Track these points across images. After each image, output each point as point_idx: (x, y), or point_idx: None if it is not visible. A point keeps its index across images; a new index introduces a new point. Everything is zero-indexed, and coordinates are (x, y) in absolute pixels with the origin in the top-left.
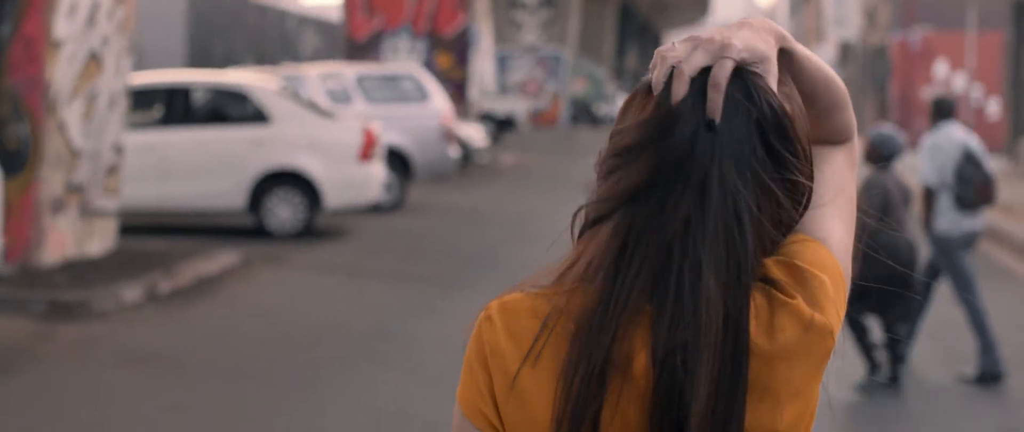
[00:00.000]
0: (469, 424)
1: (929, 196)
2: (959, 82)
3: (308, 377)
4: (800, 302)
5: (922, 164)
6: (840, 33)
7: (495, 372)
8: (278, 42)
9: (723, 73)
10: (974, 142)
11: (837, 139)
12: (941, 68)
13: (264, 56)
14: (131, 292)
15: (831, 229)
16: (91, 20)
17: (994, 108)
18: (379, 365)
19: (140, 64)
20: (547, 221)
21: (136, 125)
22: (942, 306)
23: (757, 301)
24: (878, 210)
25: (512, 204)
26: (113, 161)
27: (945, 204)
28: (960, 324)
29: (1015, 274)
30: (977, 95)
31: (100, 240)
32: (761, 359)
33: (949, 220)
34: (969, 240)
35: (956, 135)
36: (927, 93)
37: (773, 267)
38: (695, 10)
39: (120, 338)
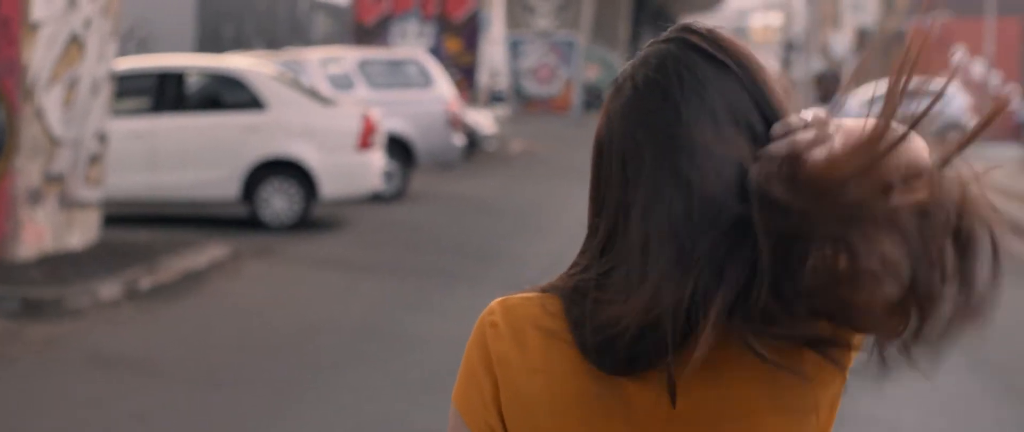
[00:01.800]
0: None
1: None
2: (978, 69)
3: (289, 382)
4: None
5: None
6: (857, 18)
7: (503, 384)
8: (289, 26)
9: None
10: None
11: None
12: (959, 55)
13: (275, 40)
14: (109, 289)
15: None
16: (72, 1)
17: (1013, 96)
18: (368, 368)
19: (149, 48)
20: (554, 212)
21: (125, 111)
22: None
23: None
24: None
25: (519, 194)
26: (96, 150)
27: None
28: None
29: None
30: (995, 82)
31: (82, 233)
32: None
33: None
34: None
35: (850, 110)
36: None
37: None
38: None
39: (92, 338)
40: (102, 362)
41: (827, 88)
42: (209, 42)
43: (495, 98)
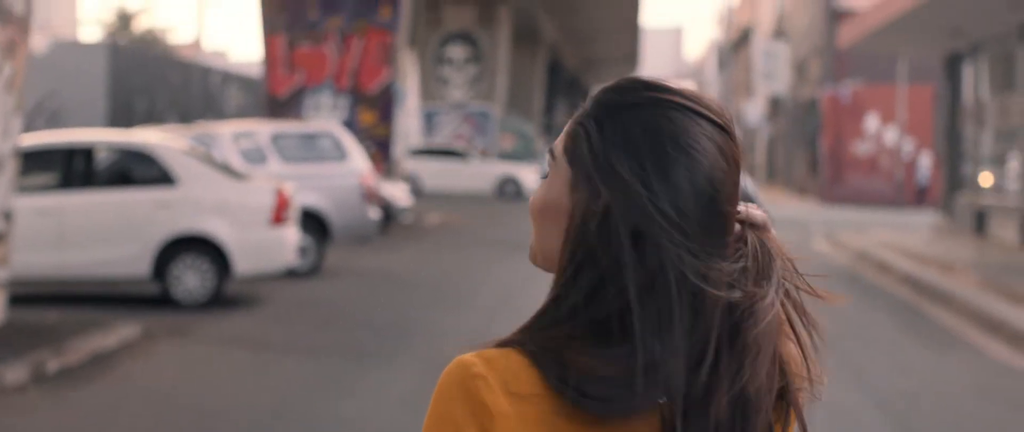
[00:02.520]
0: None
1: None
2: (891, 135)
3: None
4: None
5: None
6: (770, 87)
7: None
8: (202, 99)
9: None
10: (745, 179)
11: None
12: (872, 121)
13: (188, 113)
14: (14, 373)
15: None
16: None
17: (925, 162)
18: None
19: (60, 122)
20: (471, 285)
21: (32, 188)
22: (895, 374)
23: None
24: None
25: (436, 266)
26: (1, 228)
27: None
28: (913, 394)
29: (963, 337)
30: (909, 148)
31: None
32: None
33: None
34: None
35: None
36: (859, 148)
37: None
38: (624, 65)
39: None
40: None
41: None
42: (121, 116)
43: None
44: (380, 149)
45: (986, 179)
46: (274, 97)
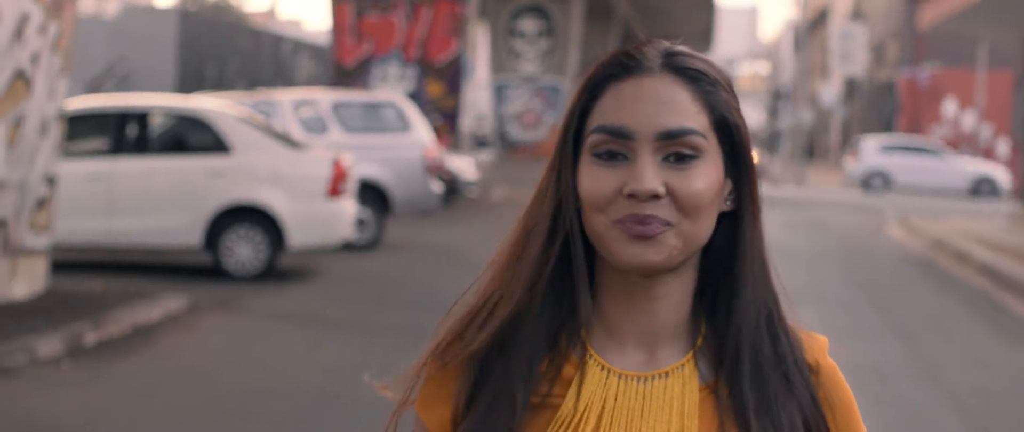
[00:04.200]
0: None
1: None
2: (968, 121)
3: None
4: None
5: None
6: (846, 69)
7: None
8: (272, 68)
9: None
10: None
11: None
12: (950, 106)
13: (257, 81)
14: (49, 345)
15: None
16: (18, 34)
17: (1003, 149)
18: None
19: (129, 86)
20: None
21: (83, 153)
22: (973, 370)
23: None
24: None
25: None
26: (44, 194)
27: None
28: (992, 393)
29: None
30: (986, 134)
31: (27, 282)
32: None
33: None
34: None
35: None
36: (936, 132)
37: None
38: (699, 43)
39: (26, 402)
40: (31, 430)
41: None
42: (191, 82)
43: (480, 143)
44: (447, 121)
45: None
46: (341, 66)
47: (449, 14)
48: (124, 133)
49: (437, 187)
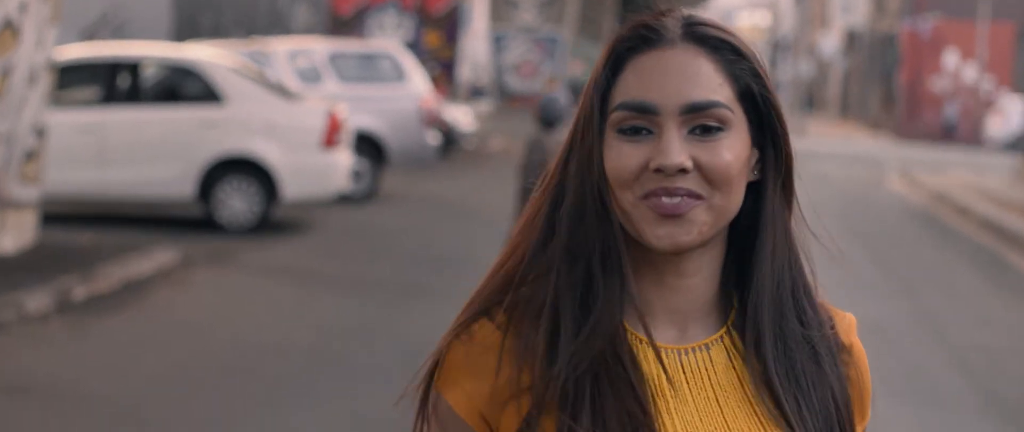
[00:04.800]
0: None
1: None
2: (969, 73)
3: (222, 421)
4: None
5: None
6: (847, 20)
7: None
8: (269, 17)
9: None
10: None
11: None
12: (951, 58)
13: (253, 30)
14: (37, 300)
15: None
16: None
17: (1005, 101)
18: (313, 399)
19: (124, 36)
20: None
21: (74, 102)
22: (976, 327)
23: None
24: (538, 172)
25: (498, 194)
26: (33, 145)
27: None
28: (995, 353)
29: None
30: (987, 87)
31: (15, 235)
32: None
33: None
34: None
35: None
36: (937, 84)
37: None
38: None
39: (11, 361)
40: (17, 389)
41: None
42: (186, 31)
43: (477, 93)
44: (445, 71)
45: None
46: (337, 15)
47: None
48: (115, 83)
49: (433, 138)
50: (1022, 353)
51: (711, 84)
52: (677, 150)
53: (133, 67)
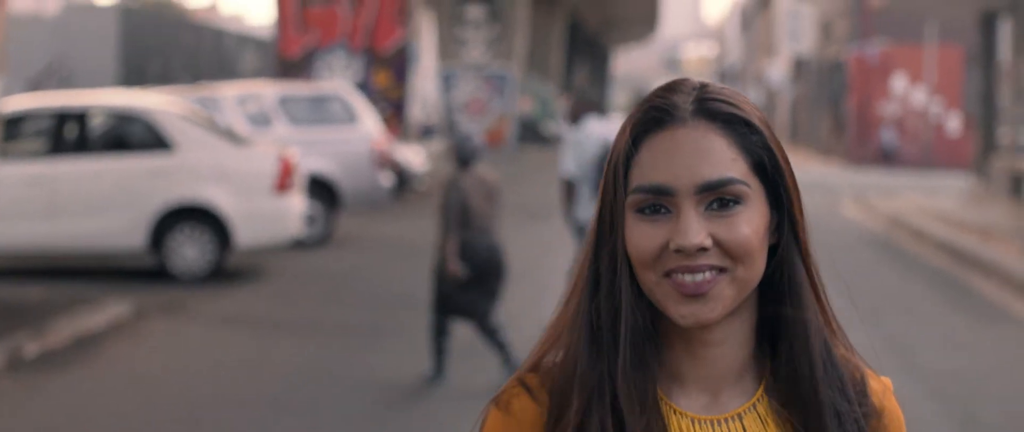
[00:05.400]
0: None
1: (569, 188)
2: (918, 97)
3: None
4: None
5: (563, 158)
6: (793, 47)
7: None
8: (216, 63)
9: None
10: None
11: None
12: (899, 83)
13: (201, 77)
14: None
15: None
16: None
17: (954, 123)
18: None
19: (71, 85)
20: None
21: (21, 154)
22: (945, 352)
23: None
24: (456, 212)
25: None
26: None
27: (585, 195)
28: (968, 377)
29: (1010, 309)
30: (937, 110)
31: None
32: None
33: (588, 209)
34: None
35: (596, 130)
36: (886, 108)
37: None
38: (643, 26)
39: None
40: None
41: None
42: (133, 78)
43: (427, 132)
44: (395, 111)
45: None
46: (285, 58)
47: (394, 2)
48: (63, 133)
49: (387, 179)
50: (994, 375)
51: (724, 160)
52: (695, 230)
53: (81, 117)
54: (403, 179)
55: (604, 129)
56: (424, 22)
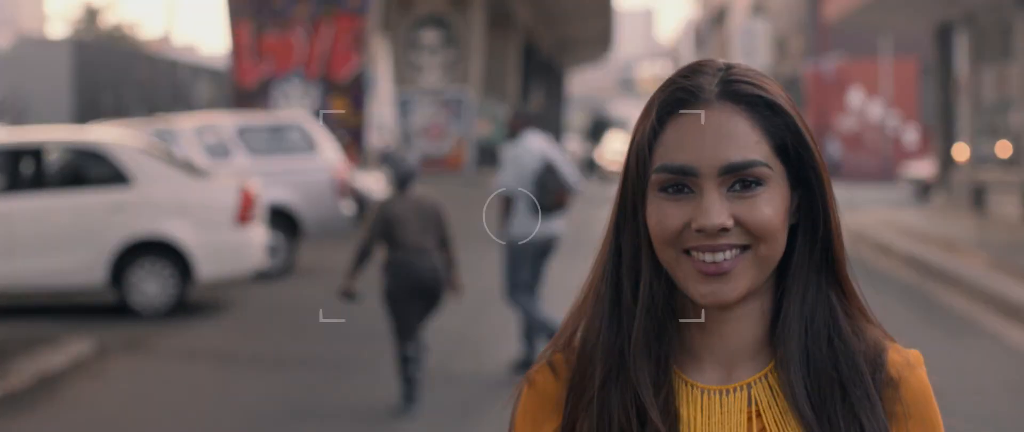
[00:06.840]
0: None
1: (506, 203)
2: (875, 110)
3: None
4: None
5: (502, 172)
6: (748, 63)
7: None
8: (170, 94)
9: None
10: (554, 152)
11: None
12: (856, 96)
13: (156, 108)
14: None
15: None
16: None
17: (912, 136)
18: None
19: (24, 120)
20: None
21: None
22: None
23: None
24: (385, 232)
25: None
26: None
27: (521, 210)
28: (939, 388)
29: (978, 322)
30: (893, 123)
31: None
32: None
33: (524, 225)
34: (549, 244)
35: (535, 145)
36: (843, 123)
37: None
38: (598, 46)
39: None
40: None
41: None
42: (87, 112)
43: (386, 158)
44: (353, 138)
45: (1004, 149)
46: (241, 88)
47: (350, 29)
48: (19, 170)
49: (348, 208)
50: (966, 390)
51: (748, 142)
52: (718, 211)
53: (36, 152)
54: (363, 207)
55: (543, 145)
56: (380, 48)
